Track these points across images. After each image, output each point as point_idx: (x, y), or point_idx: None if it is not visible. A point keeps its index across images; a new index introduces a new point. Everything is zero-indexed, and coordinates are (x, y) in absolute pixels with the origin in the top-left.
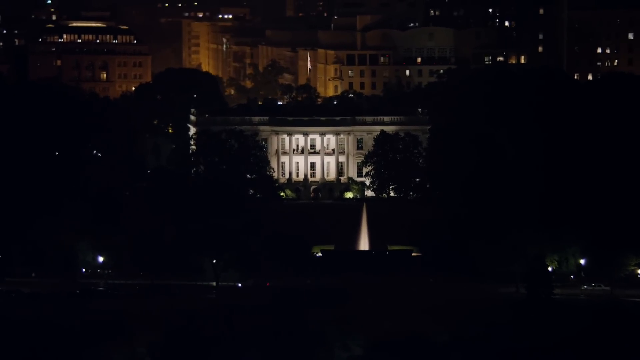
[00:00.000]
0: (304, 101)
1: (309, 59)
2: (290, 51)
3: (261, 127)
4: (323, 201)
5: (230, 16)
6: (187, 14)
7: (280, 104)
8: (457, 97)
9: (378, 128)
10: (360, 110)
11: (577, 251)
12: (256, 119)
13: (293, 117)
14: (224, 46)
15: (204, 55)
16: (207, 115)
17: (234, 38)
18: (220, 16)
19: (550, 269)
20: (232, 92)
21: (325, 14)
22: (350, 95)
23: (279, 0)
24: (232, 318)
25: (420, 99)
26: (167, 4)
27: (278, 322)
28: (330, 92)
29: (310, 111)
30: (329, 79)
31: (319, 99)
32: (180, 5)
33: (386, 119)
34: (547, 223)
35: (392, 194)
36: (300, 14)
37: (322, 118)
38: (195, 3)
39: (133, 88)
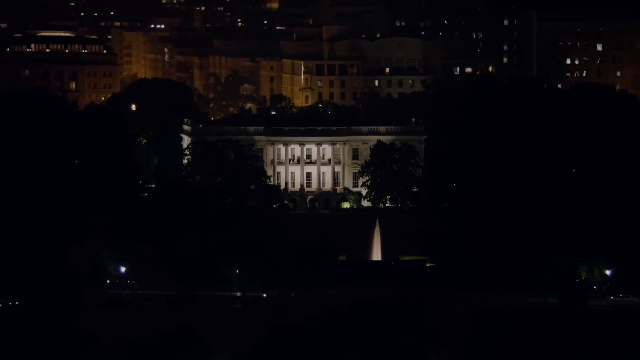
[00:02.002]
0: (291, 111)
1: (302, 69)
2: (250, 61)
3: (257, 137)
4: (320, 211)
5: (162, 26)
6: (103, 24)
7: (274, 114)
8: (454, 107)
9: (374, 138)
10: (356, 120)
11: (603, 262)
12: (252, 129)
13: (289, 127)
14: (166, 56)
15: (140, 66)
16: (201, 125)
17: (177, 48)
18: (152, 26)
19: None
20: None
21: (240, 24)
22: (320, 105)
23: (187, 12)
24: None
25: (411, 108)
26: (82, 13)
27: (358, 332)
28: (301, 103)
29: (306, 121)
30: (300, 89)
31: (293, 109)
32: (96, 14)
33: (382, 129)
34: (572, 233)
35: (388, 204)
36: (208, 25)
37: (318, 128)
38: (112, 13)
39: (103, 98)
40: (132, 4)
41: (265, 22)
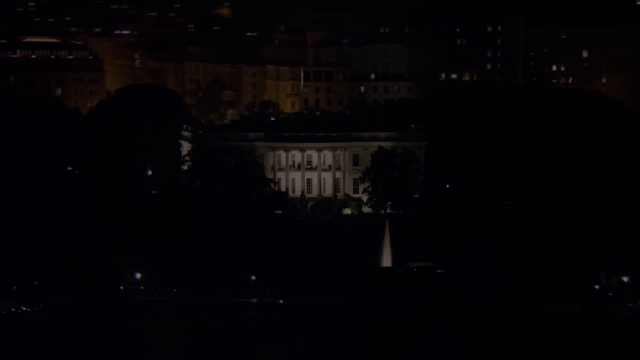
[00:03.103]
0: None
1: (302, 74)
2: (230, 67)
3: (257, 143)
4: (322, 217)
5: (128, 32)
6: (61, 29)
7: (273, 120)
8: (454, 112)
9: (375, 144)
10: (356, 126)
11: (620, 269)
12: (252, 134)
13: (289, 133)
14: (136, 62)
15: (108, 72)
16: (200, 132)
17: (148, 54)
18: (118, 31)
19: (597, 286)
20: None
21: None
22: (305, 112)
23: (138, 17)
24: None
25: (405, 114)
26: (37, 19)
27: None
28: (288, 109)
29: (306, 127)
30: (287, 96)
31: (282, 115)
32: (52, 19)
33: (382, 134)
34: (589, 240)
35: (389, 210)
36: (161, 30)
37: (318, 134)
38: (68, 18)
39: (89, 104)
40: (83, 10)
41: (217, 27)
